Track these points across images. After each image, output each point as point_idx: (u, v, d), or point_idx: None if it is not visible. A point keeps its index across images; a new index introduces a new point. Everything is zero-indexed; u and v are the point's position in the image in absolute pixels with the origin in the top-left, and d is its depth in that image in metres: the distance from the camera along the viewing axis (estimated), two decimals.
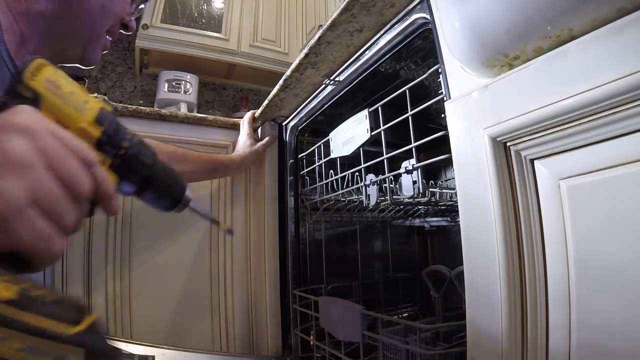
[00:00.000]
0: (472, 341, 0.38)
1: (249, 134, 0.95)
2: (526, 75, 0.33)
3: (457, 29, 0.37)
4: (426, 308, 1.18)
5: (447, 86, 0.44)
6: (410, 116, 0.56)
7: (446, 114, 0.43)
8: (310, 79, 0.77)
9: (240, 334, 1.00)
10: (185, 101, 1.60)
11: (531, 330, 0.33)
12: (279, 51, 1.75)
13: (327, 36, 0.62)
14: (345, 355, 0.71)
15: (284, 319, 0.94)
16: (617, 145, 0.28)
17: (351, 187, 0.79)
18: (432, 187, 0.81)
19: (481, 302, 0.37)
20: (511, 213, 0.35)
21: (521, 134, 0.34)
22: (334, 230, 1.14)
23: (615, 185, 0.28)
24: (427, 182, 1.06)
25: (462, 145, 0.40)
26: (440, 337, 0.84)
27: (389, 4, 0.54)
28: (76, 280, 0.86)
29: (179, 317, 0.95)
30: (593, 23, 0.29)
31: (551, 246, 0.32)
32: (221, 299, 1.00)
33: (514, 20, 0.32)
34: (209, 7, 1.68)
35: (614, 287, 0.28)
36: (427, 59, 0.74)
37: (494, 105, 0.36)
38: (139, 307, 0.91)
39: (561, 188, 0.32)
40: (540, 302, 0.33)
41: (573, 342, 0.30)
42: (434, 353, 0.55)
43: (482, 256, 0.37)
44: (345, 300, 0.72)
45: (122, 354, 0.73)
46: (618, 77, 0.26)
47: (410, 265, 1.28)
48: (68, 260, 0.85)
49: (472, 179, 0.39)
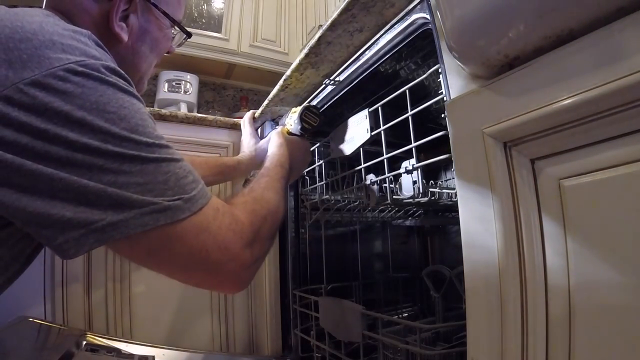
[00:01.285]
0: (472, 341, 0.38)
1: (251, 133, 0.95)
2: (526, 75, 0.33)
3: (457, 29, 0.37)
4: (426, 308, 1.18)
5: (447, 86, 0.44)
6: (410, 116, 0.56)
7: (446, 114, 0.43)
8: (310, 79, 0.77)
9: (240, 334, 1.01)
10: (185, 101, 1.60)
11: (531, 331, 0.33)
12: (279, 51, 1.75)
13: (327, 36, 0.62)
14: (345, 355, 0.71)
15: (284, 319, 0.94)
16: (617, 145, 0.28)
17: (351, 187, 0.79)
18: (432, 187, 0.81)
19: (481, 302, 0.37)
20: (511, 213, 0.35)
21: (521, 134, 0.34)
22: (334, 230, 1.14)
23: (615, 185, 0.28)
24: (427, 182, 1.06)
25: (462, 145, 0.40)
26: (440, 337, 0.84)
27: (389, 4, 0.54)
28: (76, 280, 0.86)
29: (179, 317, 0.95)
30: (593, 23, 0.29)
31: (551, 246, 0.32)
32: (221, 299, 1.01)
33: (514, 20, 0.32)
34: (209, 7, 1.68)
35: (614, 287, 0.28)
36: (427, 59, 0.74)
37: (494, 105, 0.36)
38: (139, 307, 0.91)
39: (561, 188, 0.32)
40: (540, 302, 0.33)
41: (573, 342, 0.30)
42: (434, 353, 0.55)
43: (482, 256, 0.37)
44: (345, 300, 0.72)
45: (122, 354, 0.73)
46: (618, 77, 0.27)
47: (410, 265, 1.28)
48: (68, 261, 0.85)
49: (472, 179, 0.39)
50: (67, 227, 0.31)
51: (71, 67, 0.33)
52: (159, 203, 0.34)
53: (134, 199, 0.33)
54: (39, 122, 0.31)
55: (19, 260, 0.42)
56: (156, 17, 0.53)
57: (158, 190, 0.34)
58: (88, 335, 0.78)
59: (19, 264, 0.42)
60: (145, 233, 0.33)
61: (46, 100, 0.31)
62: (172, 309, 0.94)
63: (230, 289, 0.40)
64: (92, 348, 0.73)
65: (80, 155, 0.32)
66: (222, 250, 0.37)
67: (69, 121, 0.32)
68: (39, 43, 0.33)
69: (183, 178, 0.37)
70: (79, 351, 0.70)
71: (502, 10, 0.32)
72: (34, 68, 0.32)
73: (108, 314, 0.88)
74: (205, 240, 0.36)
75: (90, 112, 0.33)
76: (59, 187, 0.31)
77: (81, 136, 0.32)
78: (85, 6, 0.46)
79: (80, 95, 0.33)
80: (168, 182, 0.35)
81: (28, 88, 0.31)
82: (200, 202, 0.37)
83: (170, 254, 0.35)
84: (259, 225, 0.42)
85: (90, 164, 0.32)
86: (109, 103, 0.34)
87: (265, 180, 0.54)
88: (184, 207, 0.35)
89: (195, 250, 0.36)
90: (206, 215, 0.37)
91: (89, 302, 0.86)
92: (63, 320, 0.83)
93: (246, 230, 0.40)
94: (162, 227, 0.34)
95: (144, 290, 0.92)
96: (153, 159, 0.35)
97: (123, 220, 0.32)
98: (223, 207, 0.40)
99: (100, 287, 0.88)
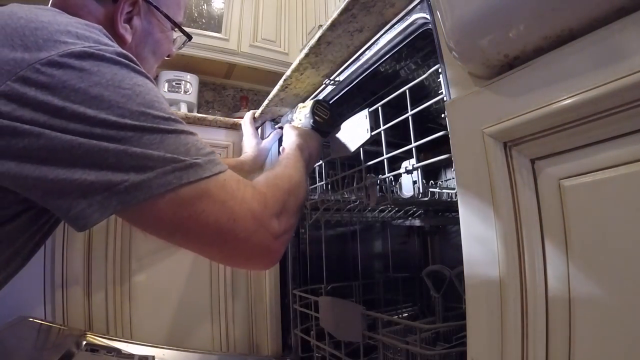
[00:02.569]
0: (472, 341, 0.38)
1: (252, 134, 0.95)
2: (526, 75, 0.33)
3: (457, 29, 0.37)
4: (426, 308, 1.18)
5: (447, 86, 0.44)
6: (410, 116, 0.56)
7: (446, 114, 0.43)
8: (310, 79, 0.77)
9: (240, 334, 1.01)
10: (185, 101, 1.60)
11: (531, 331, 0.33)
12: (279, 51, 1.75)
13: (327, 36, 0.62)
14: (345, 355, 0.71)
15: (284, 319, 0.94)
16: (617, 145, 0.28)
17: (351, 187, 0.79)
18: (432, 187, 0.81)
19: (481, 302, 0.37)
20: (511, 213, 0.35)
21: (521, 134, 0.34)
22: (334, 230, 1.14)
23: (615, 185, 0.28)
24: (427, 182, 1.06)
25: (462, 145, 0.40)
26: (440, 337, 0.84)
27: (389, 4, 0.54)
28: (76, 281, 0.86)
29: (179, 317, 0.95)
30: (593, 23, 0.29)
31: (551, 246, 0.32)
32: (221, 299, 1.01)
33: (514, 20, 0.32)
34: (209, 7, 1.68)
35: (614, 286, 0.28)
36: (427, 59, 0.74)
37: (494, 105, 0.36)
38: (139, 307, 0.91)
39: (561, 188, 0.32)
40: (540, 302, 0.33)
41: (573, 342, 0.30)
42: (434, 353, 0.55)
43: (482, 256, 0.37)
44: (345, 300, 0.72)
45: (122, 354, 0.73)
46: (618, 77, 0.26)
47: (410, 265, 1.28)
48: (68, 261, 0.85)
49: (472, 179, 0.39)
50: (90, 191, 0.31)
51: (86, 50, 0.34)
52: (182, 161, 0.34)
53: (156, 156, 0.33)
54: (57, 100, 0.31)
55: (21, 255, 0.42)
56: (158, 20, 0.54)
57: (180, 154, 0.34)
58: (88, 335, 0.78)
59: (20, 258, 0.43)
60: (169, 193, 0.33)
61: (64, 78, 0.32)
62: (173, 309, 0.94)
63: (260, 261, 0.39)
64: (92, 348, 0.73)
65: (99, 129, 0.32)
66: (250, 217, 0.36)
67: (87, 98, 0.32)
68: (55, 30, 0.34)
69: (202, 148, 0.37)
70: (79, 351, 0.70)
71: (502, 10, 0.32)
72: (50, 50, 0.32)
73: (108, 314, 0.88)
74: (233, 206, 0.36)
75: (106, 88, 0.33)
76: (79, 153, 0.31)
77: (99, 112, 0.32)
78: (90, 9, 0.47)
79: (97, 73, 0.33)
80: (189, 151, 0.35)
81: (45, 67, 0.31)
82: (219, 166, 0.37)
83: (197, 219, 0.34)
84: (283, 198, 0.42)
85: (109, 136, 0.32)
86: (123, 80, 0.35)
87: (285, 162, 0.54)
88: (205, 166, 0.35)
89: (222, 216, 0.35)
90: (230, 182, 0.37)
91: (89, 302, 0.86)
92: (63, 320, 0.83)
93: (270, 201, 0.40)
94: (186, 185, 0.33)
95: (144, 290, 0.92)
96: (172, 130, 0.35)
97: (146, 180, 0.32)
98: (244, 181, 0.40)
99: (101, 287, 0.88)
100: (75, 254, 0.86)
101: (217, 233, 0.35)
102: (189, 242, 0.36)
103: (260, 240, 0.37)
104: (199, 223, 0.35)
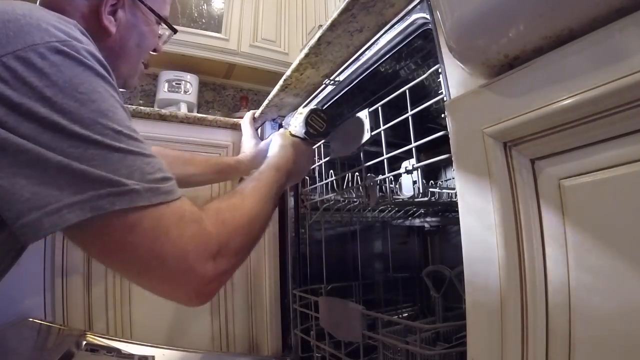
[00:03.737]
0: (472, 341, 0.38)
1: (252, 134, 0.94)
2: (526, 75, 0.33)
3: (457, 29, 0.37)
4: (426, 308, 1.18)
5: (447, 86, 0.44)
6: (410, 116, 0.56)
7: (446, 114, 0.43)
8: (310, 79, 0.77)
9: (240, 333, 1.01)
10: (185, 101, 1.60)
11: (531, 331, 0.33)
12: (279, 51, 1.75)
13: (327, 36, 0.62)
14: (345, 355, 0.71)
15: (284, 319, 0.94)
16: (617, 145, 0.28)
17: (351, 187, 0.79)
18: (432, 187, 0.81)
19: (481, 301, 0.37)
20: (511, 213, 0.35)
21: (521, 134, 0.34)
22: (334, 230, 1.14)
23: (615, 185, 0.28)
24: (427, 182, 1.06)
25: (462, 145, 0.40)
26: (440, 337, 0.84)
27: (389, 4, 0.54)
28: (76, 280, 0.86)
29: (178, 317, 0.95)
30: (593, 23, 0.29)
31: (551, 246, 0.32)
32: (221, 299, 1.01)
33: (513, 20, 0.32)
34: (209, 7, 1.68)
35: (614, 286, 0.28)
36: (427, 59, 0.74)
37: (494, 105, 0.36)
38: (138, 307, 0.91)
39: (561, 188, 0.32)
40: (540, 302, 0.33)
41: (573, 342, 0.30)
42: (434, 353, 0.55)
43: (482, 256, 0.37)
44: (345, 300, 0.72)
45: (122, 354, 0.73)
46: (618, 77, 0.26)
47: (410, 265, 1.28)
48: (68, 260, 0.85)
49: (472, 179, 0.39)
50: (25, 211, 0.30)
51: (53, 45, 0.34)
52: (120, 185, 0.32)
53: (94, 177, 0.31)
54: (15, 95, 0.31)
55: (10, 254, 0.42)
56: (143, 13, 0.55)
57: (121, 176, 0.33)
58: (88, 335, 0.78)
59: (10, 258, 0.43)
60: (98, 219, 0.31)
61: (25, 74, 0.32)
62: (172, 309, 0.94)
63: (186, 302, 0.37)
64: (92, 348, 0.73)
65: (48, 134, 0.31)
66: (179, 260, 0.34)
67: (42, 97, 0.32)
68: (26, 22, 0.34)
69: (151, 173, 0.35)
70: (79, 351, 0.70)
71: (501, 10, 0.32)
72: (17, 43, 0.32)
73: (108, 314, 0.88)
74: (163, 244, 0.34)
75: (62, 90, 0.33)
76: (23, 160, 0.30)
77: (52, 114, 0.32)
78: (76, 3, 0.48)
79: (55, 73, 0.33)
80: (132, 174, 0.33)
81: (10, 61, 0.32)
82: (162, 197, 0.35)
83: (124, 251, 0.33)
84: (227, 237, 0.39)
85: (56, 145, 0.31)
86: (82, 84, 0.34)
87: (252, 185, 0.51)
88: (144, 195, 0.33)
89: (150, 253, 0.34)
90: (168, 218, 0.35)
91: (89, 302, 0.86)
92: (63, 320, 0.83)
93: (211, 242, 0.37)
94: (117, 213, 0.32)
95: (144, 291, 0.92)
96: (118, 149, 0.34)
97: (78, 202, 0.31)
98: (191, 215, 0.37)
99: (101, 287, 0.88)
100: (75, 255, 0.86)
101: (143, 268, 0.34)
102: (117, 270, 0.36)
103: (188, 283, 0.36)
104: (125, 255, 0.33)
